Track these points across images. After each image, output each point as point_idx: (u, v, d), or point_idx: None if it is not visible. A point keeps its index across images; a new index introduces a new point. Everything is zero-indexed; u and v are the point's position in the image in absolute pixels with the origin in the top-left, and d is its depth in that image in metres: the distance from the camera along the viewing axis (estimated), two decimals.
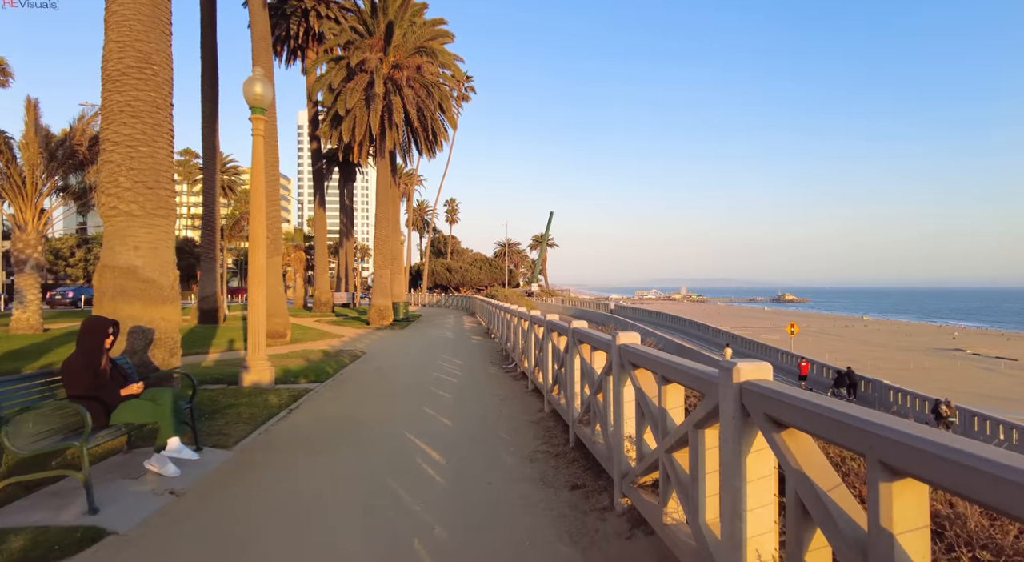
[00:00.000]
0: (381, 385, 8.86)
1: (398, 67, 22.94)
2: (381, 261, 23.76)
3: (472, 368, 10.65)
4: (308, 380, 9.14)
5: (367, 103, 22.55)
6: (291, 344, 15.41)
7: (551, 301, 68.40)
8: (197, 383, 8.23)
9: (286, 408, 6.98)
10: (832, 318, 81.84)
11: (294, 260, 37.88)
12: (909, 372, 29.46)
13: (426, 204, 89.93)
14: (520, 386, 8.45)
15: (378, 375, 9.92)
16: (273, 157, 16.23)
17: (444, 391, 8.23)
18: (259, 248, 8.57)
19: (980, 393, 24.76)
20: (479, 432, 5.83)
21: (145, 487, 4.08)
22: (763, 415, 1.95)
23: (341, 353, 12.94)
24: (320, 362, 11.21)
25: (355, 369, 10.60)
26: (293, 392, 7.96)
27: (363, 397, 7.89)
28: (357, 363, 11.49)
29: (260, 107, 8.39)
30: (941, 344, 46.50)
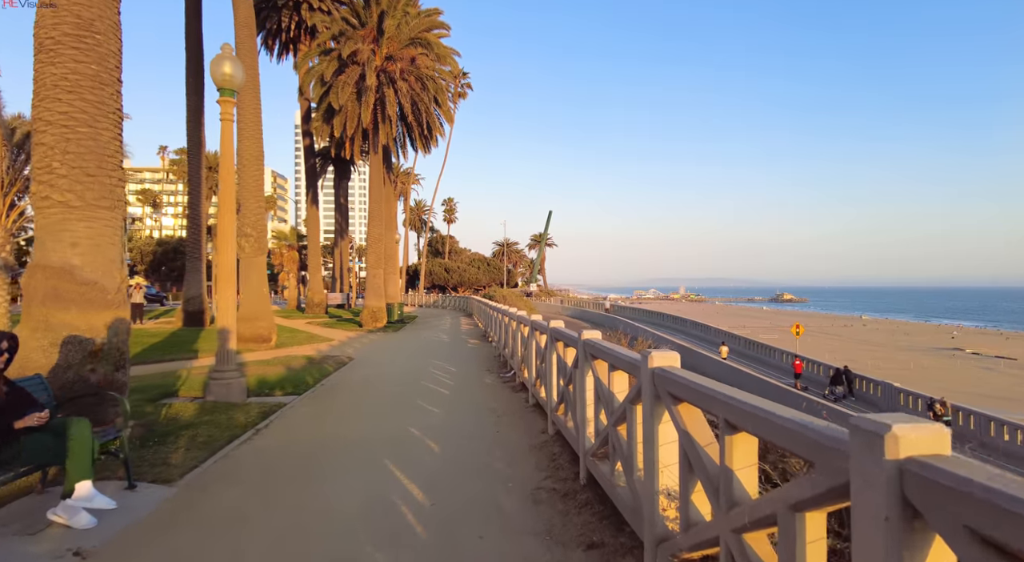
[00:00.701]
0: (365, 398, 7.98)
1: (391, 59, 22.06)
2: (374, 260, 22.87)
3: (467, 376, 9.78)
4: (285, 392, 8.25)
5: (359, 96, 21.65)
6: (276, 349, 14.52)
7: (550, 301, 67.56)
8: (157, 398, 7.43)
9: (252, 428, 6.09)
10: (831, 317, 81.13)
11: (287, 260, 36.99)
12: (909, 372, 29.04)
13: (423, 203, 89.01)
14: (520, 400, 7.58)
15: (364, 385, 9.04)
16: (258, 150, 15.36)
17: (435, 405, 7.36)
18: (227, 243, 7.69)
19: (980, 393, 24.28)
20: (471, 461, 4.96)
21: (41, 547, 3.19)
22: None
23: (327, 359, 12.06)
24: (302, 370, 10.32)
25: (339, 378, 9.72)
26: (265, 407, 7.07)
27: (343, 413, 7.01)
28: (343, 371, 10.61)
29: (229, 89, 7.51)
30: (940, 343, 46.02)
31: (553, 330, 5.61)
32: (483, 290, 69.80)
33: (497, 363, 11.52)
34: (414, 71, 22.50)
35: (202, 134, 21.23)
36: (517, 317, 9.64)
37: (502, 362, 11.41)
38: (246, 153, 15.25)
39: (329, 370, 10.39)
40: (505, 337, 11.34)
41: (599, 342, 3.94)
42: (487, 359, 12.41)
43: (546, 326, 6.18)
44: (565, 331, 5.26)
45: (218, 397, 7.43)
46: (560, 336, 5.34)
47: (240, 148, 15.31)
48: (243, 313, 14.88)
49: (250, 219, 15.23)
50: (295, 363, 11.39)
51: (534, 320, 7.02)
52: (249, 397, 7.85)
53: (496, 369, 10.65)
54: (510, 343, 10.09)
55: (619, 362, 3.36)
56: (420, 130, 23.48)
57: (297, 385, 8.67)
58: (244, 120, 15.25)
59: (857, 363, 28.02)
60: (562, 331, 5.34)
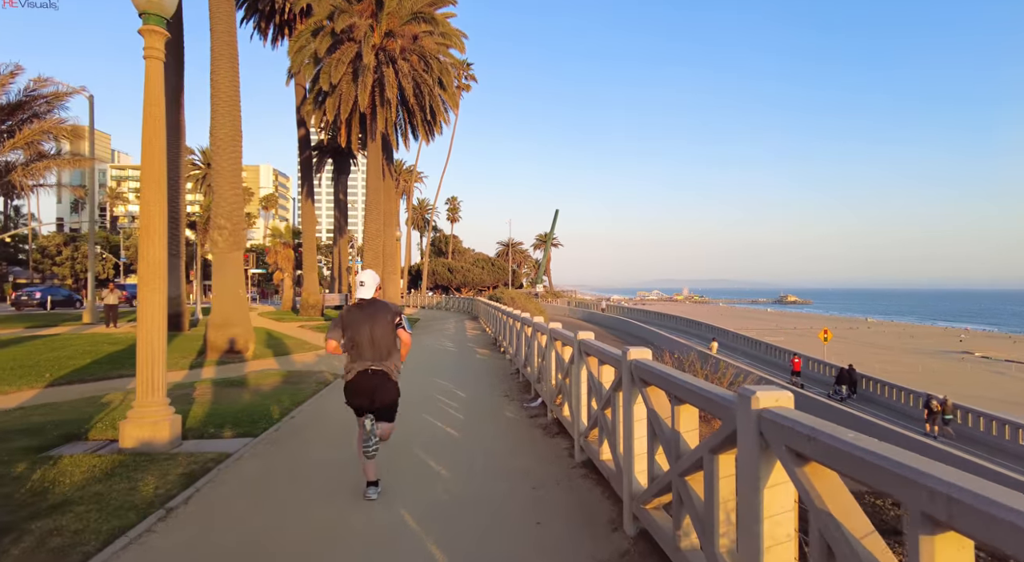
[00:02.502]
0: (342, 444, 5.83)
1: (391, 35, 19.94)
2: (372, 258, 20.73)
3: (481, 406, 7.61)
4: (236, 431, 6.10)
5: (355, 76, 19.54)
6: (252, 362, 12.39)
7: (557, 303, 65.43)
8: (49, 445, 5.13)
9: (160, 508, 3.94)
10: (835, 319, 79.47)
11: (283, 259, 34.88)
12: (918, 375, 27.91)
13: (426, 202, 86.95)
14: (559, 450, 5.41)
15: (344, 421, 6.87)
16: (234, 129, 13.22)
17: (440, 461, 5.19)
18: (155, 231, 5.53)
19: (993, 397, 23.44)
20: None
21: None
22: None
23: (307, 377, 9.91)
24: (271, 394, 8.18)
25: (315, 408, 7.55)
26: (197, 462, 4.92)
27: (305, 476, 4.85)
28: (322, 396, 8.44)
29: (155, 14, 5.36)
30: (948, 347, 44.82)
31: (639, 366, 3.42)
32: (487, 291, 67.66)
33: (516, 383, 9.35)
34: (416, 49, 20.38)
35: (181, 117, 19.13)
36: (538, 326, 7.53)
37: (523, 383, 9.23)
38: (220, 132, 13.14)
39: (304, 395, 8.22)
40: (521, 347, 9.19)
41: (697, 385, 1.79)
42: (502, 376, 10.25)
43: (603, 350, 4.07)
44: (650, 365, 3.08)
45: (137, 443, 5.29)
46: (652, 375, 3.16)
47: (214, 126, 13.21)
48: (214, 318, 12.77)
49: (224, 208, 13.11)
50: (266, 383, 9.24)
51: (563, 333, 4.86)
52: (185, 441, 5.70)
53: (516, 393, 8.49)
54: (535, 361, 7.93)
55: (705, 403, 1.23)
56: (423, 115, 21.34)
57: (256, 420, 6.52)
58: (218, 93, 13.15)
59: (864, 366, 27.19)
60: (648, 365, 3.16)
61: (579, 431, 4.90)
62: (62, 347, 13.21)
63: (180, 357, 12.30)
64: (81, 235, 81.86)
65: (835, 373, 25.96)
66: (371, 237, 20.63)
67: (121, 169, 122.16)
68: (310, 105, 21.09)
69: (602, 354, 4.21)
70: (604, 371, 4.27)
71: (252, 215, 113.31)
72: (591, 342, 4.68)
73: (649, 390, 3.13)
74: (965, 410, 19.05)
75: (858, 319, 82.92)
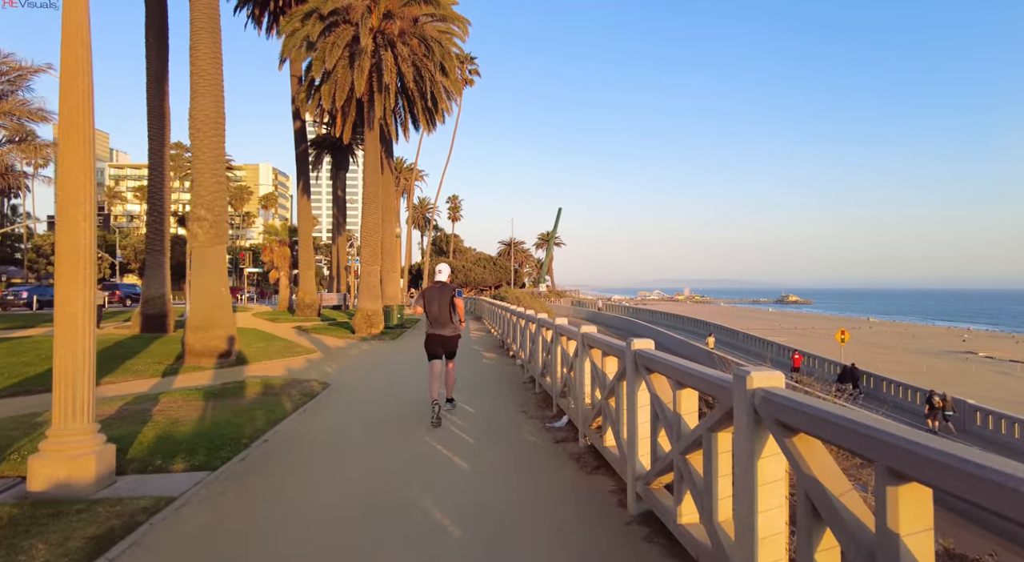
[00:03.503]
0: (324, 483, 4.56)
1: (390, 17, 18.66)
2: (370, 255, 19.45)
3: (494, 427, 6.33)
4: (189, 464, 4.83)
5: (351, 60, 18.26)
6: (234, 368, 11.12)
7: (560, 303, 64.17)
8: None
9: None
10: (837, 319, 79.43)
11: (279, 257, 33.53)
12: (922, 375, 27.17)
13: (427, 201, 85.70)
14: (601, 490, 4.14)
15: (327, 448, 5.59)
16: (216, 110, 11.94)
17: (448, 509, 3.92)
18: (77, 205, 4.26)
19: (998, 398, 22.84)
20: None
21: None
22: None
23: (292, 386, 8.64)
24: (245, 410, 6.91)
25: (293, 429, 6.27)
26: (114, 520, 3.62)
27: (269, 544, 3.57)
28: (305, 411, 7.17)
29: None
30: (951, 347, 44.10)
31: (711, 378, 2.20)
32: (489, 291, 66.37)
33: (532, 395, 8.08)
34: (417, 32, 19.10)
35: (166, 106, 17.88)
36: (563, 330, 6.27)
37: (540, 395, 7.95)
38: (201, 113, 11.88)
39: (284, 411, 6.95)
40: (546, 359, 7.92)
41: None
42: (515, 385, 8.98)
43: (661, 361, 2.82)
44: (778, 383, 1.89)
45: (50, 485, 4.02)
46: None
47: (193, 107, 11.96)
48: (193, 320, 11.51)
49: (205, 198, 11.85)
50: (244, 394, 7.98)
51: (646, 353, 3.55)
52: (121, 477, 4.44)
53: (534, 407, 7.21)
54: (557, 371, 6.65)
55: None
56: (424, 103, 20.05)
57: (218, 447, 5.25)
58: (199, 69, 11.89)
59: (868, 366, 27.20)
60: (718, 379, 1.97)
61: (634, 472, 3.62)
62: (26, 351, 11.95)
63: (153, 363, 11.04)
64: None
65: (838, 370, 26.24)
66: (369, 232, 19.34)
67: (119, 168, 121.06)
68: (304, 93, 19.81)
69: (680, 374, 2.95)
70: (680, 396, 3.00)
71: (251, 214, 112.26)
72: (653, 354, 3.42)
73: None
74: (966, 406, 19.42)
75: (860, 319, 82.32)
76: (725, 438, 2.48)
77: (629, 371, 3.69)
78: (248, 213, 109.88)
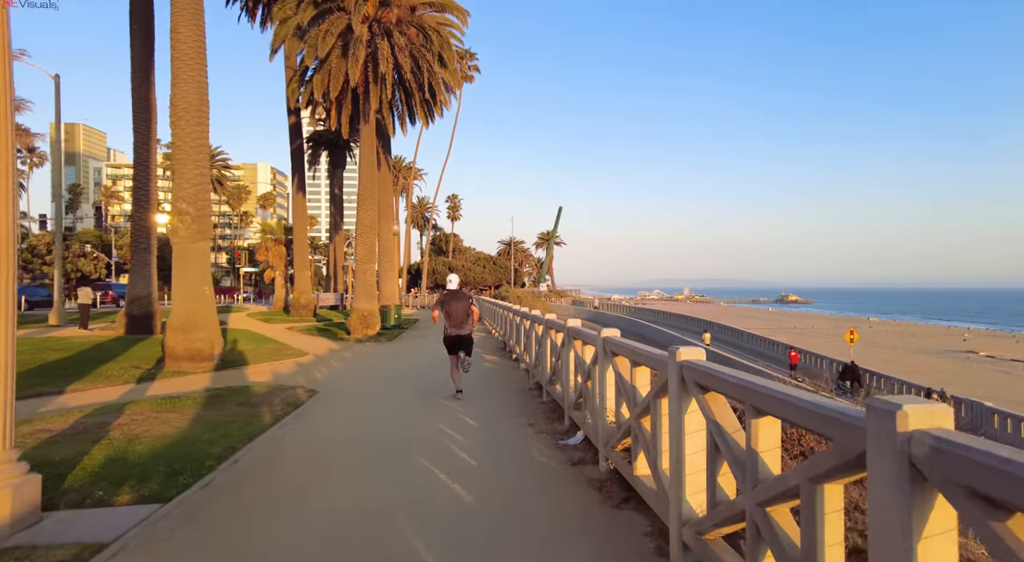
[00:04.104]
0: (299, 521, 3.79)
1: (386, 4, 17.89)
2: (365, 253, 18.68)
3: (498, 443, 5.57)
4: (138, 494, 4.05)
5: (345, 50, 17.50)
6: (216, 373, 10.35)
7: (561, 303, 63.43)
8: None
9: None
10: (837, 319, 79.07)
11: (274, 256, 32.72)
12: (924, 375, 26.92)
13: (426, 200, 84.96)
14: (632, 530, 3.38)
15: (306, 472, 4.82)
16: (199, 95, 11.14)
17: (448, 549, 3.17)
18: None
19: (1002, 397, 22.53)
20: None
21: None
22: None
23: (275, 395, 7.88)
24: (219, 422, 6.14)
25: (272, 446, 5.49)
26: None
27: None
28: (287, 424, 6.39)
29: None
30: (952, 346, 43.98)
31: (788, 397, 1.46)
32: (489, 290, 65.66)
33: (539, 404, 7.31)
34: (415, 21, 18.34)
35: (152, 97, 17.12)
36: (605, 342, 5.52)
37: (548, 404, 7.19)
38: (183, 99, 11.10)
39: (263, 424, 6.18)
40: (555, 365, 7.16)
41: None
42: (519, 392, 8.22)
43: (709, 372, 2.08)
44: None
45: None
46: None
47: (175, 93, 11.18)
48: (174, 321, 10.73)
49: (187, 190, 11.08)
50: (221, 404, 7.21)
51: (695, 364, 2.79)
52: (51, 513, 3.66)
53: (543, 419, 6.44)
54: (569, 379, 5.89)
55: None
56: (421, 95, 19.27)
57: (178, 470, 4.48)
58: (180, 51, 11.11)
59: (870, 366, 27.28)
60: None
61: (680, 514, 2.86)
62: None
63: (130, 367, 10.28)
64: (73, 234, 79.93)
65: (835, 367, 26.72)
66: (364, 230, 18.56)
67: (117, 167, 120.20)
68: (296, 83, 19.06)
69: (761, 398, 2.19)
70: (758, 427, 2.24)
71: (249, 214, 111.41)
72: (712, 368, 2.65)
73: None
74: (983, 409, 19.41)
75: (860, 318, 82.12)
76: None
77: (674, 387, 2.92)
78: (246, 212, 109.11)
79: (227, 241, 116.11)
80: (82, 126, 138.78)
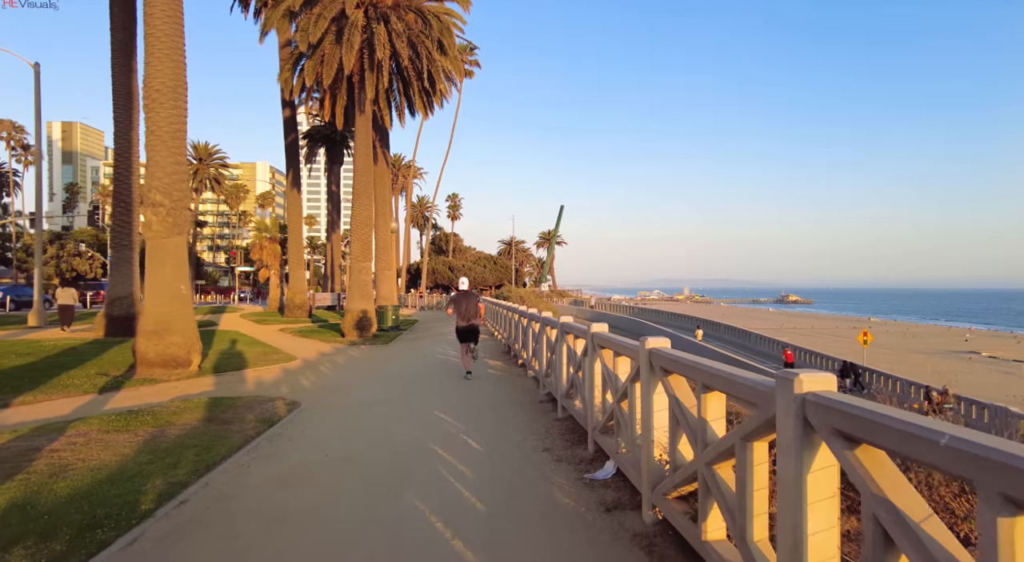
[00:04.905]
0: None
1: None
2: (360, 251, 17.67)
3: (508, 477, 4.55)
4: (29, 560, 3.05)
5: (339, 35, 16.50)
6: (191, 380, 9.34)
7: (563, 303, 62.44)
8: None
9: None
10: (838, 319, 78.67)
11: (268, 255, 31.80)
12: (926, 376, 26.47)
13: (426, 199, 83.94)
14: None
15: (270, 523, 3.81)
16: (175, 76, 10.13)
17: None
18: None
19: (1005, 398, 22.01)
20: None
21: None
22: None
23: (251, 408, 6.87)
24: (173, 448, 5.13)
25: (229, 481, 4.46)
26: None
27: None
28: (258, 446, 5.37)
29: None
30: (954, 346, 43.60)
31: None
32: (490, 290, 64.61)
33: (553, 421, 6.29)
34: (413, 5, 17.34)
35: (133, 84, 16.13)
36: (652, 354, 4.53)
37: (565, 422, 6.16)
38: (157, 79, 10.09)
39: (228, 447, 5.16)
40: (571, 377, 6.14)
41: None
42: (528, 405, 7.20)
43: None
44: None
45: None
46: None
47: (148, 73, 10.18)
48: (145, 323, 9.73)
49: (162, 180, 10.06)
50: (183, 420, 6.19)
51: (830, 399, 1.79)
52: None
53: (560, 442, 5.42)
54: (597, 395, 4.86)
55: None
56: (420, 84, 18.26)
57: (98, 522, 3.46)
58: (154, 31, 10.11)
59: (871, 366, 27.58)
60: None
61: None
62: None
63: (97, 375, 9.27)
64: (69, 233, 78.93)
65: (837, 366, 26.91)
66: (359, 226, 17.53)
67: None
68: (288, 72, 18.07)
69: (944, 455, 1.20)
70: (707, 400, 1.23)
71: (248, 213, 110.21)
72: (856, 405, 1.65)
73: None
74: (965, 400, 19.81)
75: (860, 318, 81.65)
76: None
77: (788, 431, 1.92)
78: (245, 212, 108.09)
79: (226, 241, 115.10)
80: (79, 125, 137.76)
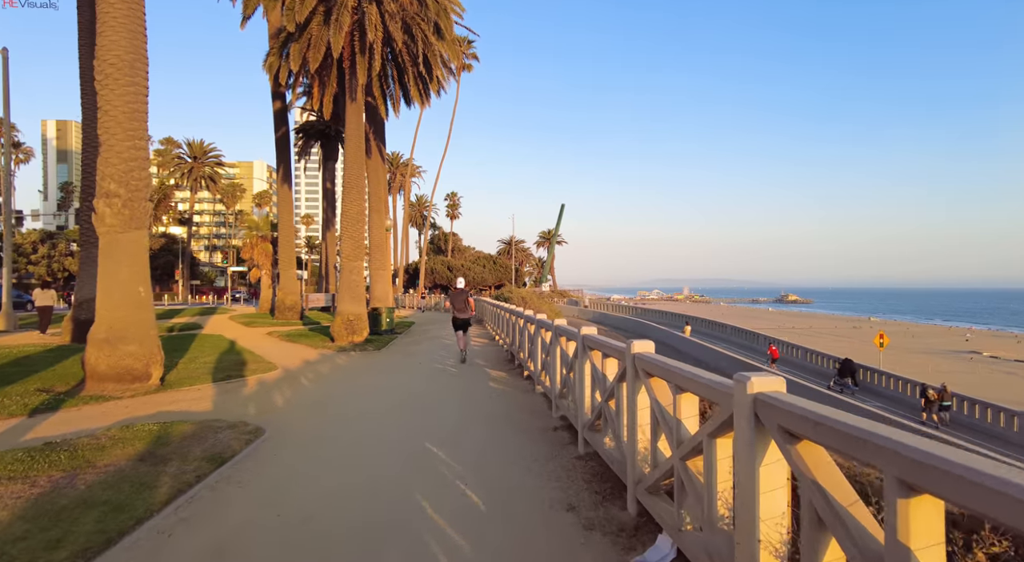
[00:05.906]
0: None
1: None
2: (351, 249, 16.39)
3: (527, 547, 3.31)
4: None
5: (327, 16, 15.24)
6: (147, 397, 8.06)
7: (564, 303, 61.15)
8: None
9: None
10: (837, 319, 77.87)
11: (259, 254, 30.46)
12: (928, 376, 26.01)
13: (424, 199, 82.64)
14: None
15: None
16: (134, 49, 8.87)
17: None
18: None
19: (1007, 398, 21.84)
20: None
21: None
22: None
23: (201, 438, 5.59)
24: (72, 505, 3.86)
25: (150, 552, 3.23)
26: None
27: None
28: (193, 499, 4.10)
29: None
30: (954, 346, 43.18)
31: None
32: (489, 290, 63.33)
33: (571, 453, 5.04)
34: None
35: None
36: (760, 403, 3.30)
37: (588, 460, 4.89)
38: (111, 51, 8.82)
39: (147, 506, 3.87)
40: (596, 401, 4.91)
41: None
42: (539, 433, 5.94)
43: None
44: None
45: None
46: None
47: (101, 46, 8.91)
48: (98, 331, 8.45)
49: (117, 167, 8.79)
50: (106, 459, 4.93)
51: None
52: None
53: (585, 492, 4.15)
54: (638, 442, 3.62)
55: None
56: (416, 70, 17.01)
57: None
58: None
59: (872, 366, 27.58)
60: None
61: None
62: None
63: (36, 391, 8.00)
64: (62, 233, 77.43)
65: (835, 365, 27.06)
66: (350, 222, 16.26)
67: None
68: (274, 57, 16.80)
69: None
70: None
71: (245, 212, 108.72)
72: None
73: None
74: (962, 398, 19.82)
75: (860, 318, 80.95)
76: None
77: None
78: (241, 211, 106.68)
79: (222, 240, 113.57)
80: (74, 123, 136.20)
